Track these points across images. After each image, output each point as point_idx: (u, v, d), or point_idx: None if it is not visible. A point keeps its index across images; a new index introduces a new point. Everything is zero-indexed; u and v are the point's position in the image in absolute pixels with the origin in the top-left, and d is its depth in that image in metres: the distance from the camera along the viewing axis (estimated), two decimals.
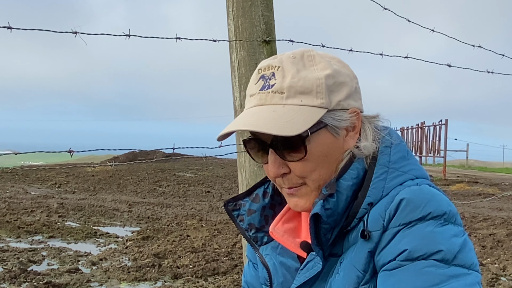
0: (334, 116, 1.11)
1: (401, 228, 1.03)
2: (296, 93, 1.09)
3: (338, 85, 1.12)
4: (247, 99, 1.16)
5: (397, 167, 1.12)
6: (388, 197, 1.07)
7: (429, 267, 1.00)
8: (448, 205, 1.06)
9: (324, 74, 1.10)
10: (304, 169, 1.10)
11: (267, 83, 1.11)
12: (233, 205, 1.28)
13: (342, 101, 1.11)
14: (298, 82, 1.09)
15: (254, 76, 1.14)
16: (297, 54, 1.13)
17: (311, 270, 1.11)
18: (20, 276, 6.32)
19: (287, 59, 1.12)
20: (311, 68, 1.11)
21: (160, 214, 11.49)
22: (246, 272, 1.39)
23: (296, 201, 1.14)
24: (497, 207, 12.89)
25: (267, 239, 1.26)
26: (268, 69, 1.12)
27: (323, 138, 1.10)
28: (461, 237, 1.04)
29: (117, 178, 18.05)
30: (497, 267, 7.12)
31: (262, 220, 1.26)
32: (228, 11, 2.53)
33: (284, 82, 1.09)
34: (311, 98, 1.09)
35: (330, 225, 1.09)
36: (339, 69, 1.14)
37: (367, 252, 1.07)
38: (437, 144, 24.50)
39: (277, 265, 1.23)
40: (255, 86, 1.13)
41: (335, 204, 1.08)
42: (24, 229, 9.20)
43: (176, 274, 6.67)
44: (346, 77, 1.14)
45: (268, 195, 1.27)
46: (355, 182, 1.10)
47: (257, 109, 1.10)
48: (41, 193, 14.40)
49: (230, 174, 19.54)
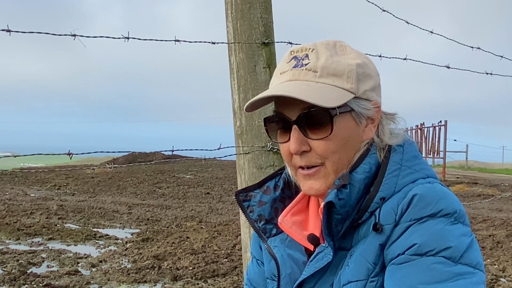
0: (359, 104, 1.14)
1: (413, 223, 1.05)
2: (329, 74, 1.12)
3: (366, 76, 1.16)
4: (275, 77, 1.18)
5: (409, 165, 1.14)
6: (401, 192, 1.09)
7: (437, 263, 1.01)
8: (458, 205, 1.09)
9: (356, 62, 1.15)
10: (326, 148, 1.12)
11: (300, 62, 1.14)
12: (244, 195, 1.30)
13: (368, 91, 1.15)
14: (332, 65, 1.12)
15: (286, 56, 1.17)
16: (330, 42, 1.18)
17: (321, 261, 1.12)
18: (20, 278, 6.31)
19: (321, 44, 1.16)
20: (343, 56, 1.16)
21: (160, 216, 11.48)
22: (250, 269, 1.40)
23: (311, 183, 1.16)
24: (496, 208, 12.89)
25: (276, 231, 1.28)
26: (301, 51, 1.15)
27: (347, 122, 1.13)
28: (469, 237, 1.06)
29: (117, 180, 18.03)
30: (496, 268, 7.12)
31: (272, 212, 1.28)
32: (227, 13, 2.53)
33: (318, 62, 1.13)
34: (342, 81, 1.12)
35: (342, 216, 1.10)
36: (367, 63, 1.18)
37: (378, 245, 1.08)
38: (436, 145, 24.49)
39: (285, 257, 1.24)
40: (287, 64, 1.16)
41: (348, 195, 1.10)
42: (23, 231, 9.19)
43: (176, 276, 6.66)
44: (373, 71, 1.19)
45: (279, 188, 1.29)
46: (367, 176, 1.12)
47: (289, 83, 1.13)
48: (40, 195, 14.39)
49: (230, 176, 19.53)
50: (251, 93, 2.46)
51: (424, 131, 25.56)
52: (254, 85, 2.46)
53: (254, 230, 1.30)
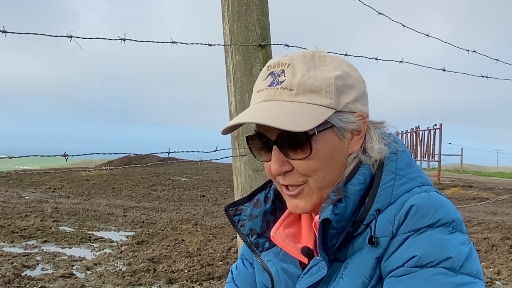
0: (341, 118, 1.10)
1: (411, 234, 1.03)
2: (305, 91, 1.08)
3: (347, 87, 1.11)
4: (254, 95, 1.15)
5: (404, 174, 1.11)
6: (396, 203, 1.07)
7: (437, 274, 1.00)
8: (456, 213, 1.07)
9: (334, 75, 1.10)
10: (308, 168, 1.09)
11: (276, 80, 1.10)
12: (233, 210, 1.27)
13: (350, 104, 1.11)
14: (308, 80, 1.08)
15: (263, 72, 1.14)
16: (308, 53, 1.13)
17: (315, 275, 1.10)
18: (14, 281, 6.28)
19: (298, 57, 1.12)
20: (322, 68, 1.11)
21: (155, 219, 11.46)
22: (237, 268, 1.39)
23: (296, 202, 1.13)
24: (491, 211, 12.92)
25: (268, 245, 1.26)
26: (278, 66, 1.12)
27: (328, 138, 1.10)
28: (468, 246, 1.05)
29: (112, 182, 17.98)
30: (491, 271, 7.13)
31: (264, 225, 1.25)
32: (224, 15, 2.53)
33: (293, 79, 1.09)
34: (320, 97, 1.08)
35: (338, 230, 1.08)
36: (349, 72, 1.14)
37: (375, 258, 1.06)
38: (431, 148, 24.55)
39: (279, 271, 1.23)
40: (264, 82, 1.13)
41: (344, 210, 1.08)
42: (18, 234, 9.15)
43: (171, 279, 6.64)
44: (355, 80, 1.14)
45: (270, 200, 1.27)
46: (362, 187, 1.10)
47: (264, 104, 1.10)
48: (35, 198, 14.32)
49: (225, 178, 19.51)
50: (247, 95, 2.46)
51: (419, 134, 25.62)
52: (251, 87, 2.45)
53: (246, 245, 1.28)
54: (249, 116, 1.09)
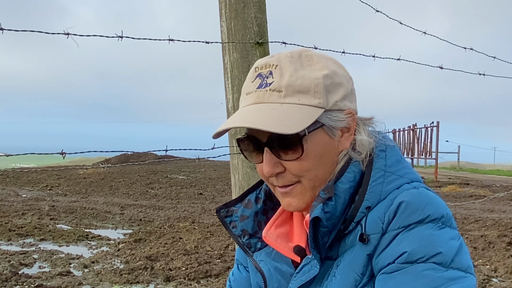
0: (330, 117, 1.10)
1: (401, 230, 1.04)
2: (294, 92, 1.08)
3: (335, 86, 1.12)
4: (242, 97, 1.15)
5: (393, 171, 1.12)
6: (386, 200, 1.08)
7: (428, 270, 1.00)
8: (445, 209, 1.07)
9: (322, 74, 1.10)
10: (300, 168, 1.09)
11: (265, 81, 1.10)
12: (225, 211, 1.27)
13: (338, 102, 1.11)
14: (297, 81, 1.08)
15: (251, 74, 1.14)
16: (295, 53, 1.13)
17: (307, 274, 1.11)
18: (11, 279, 6.27)
19: (285, 58, 1.11)
20: (309, 67, 1.11)
21: (152, 217, 11.46)
22: (234, 275, 1.38)
23: (289, 200, 1.14)
24: (488, 208, 12.96)
25: (260, 245, 1.26)
26: (265, 68, 1.11)
27: (319, 138, 1.10)
28: (457, 240, 1.05)
29: (109, 180, 17.97)
30: (488, 268, 7.16)
31: (255, 226, 1.26)
32: (221, 13, 2.53)
33: (282, 80, 1.09)
34: (309, 98, 1.08)
35: (328, 228, 1.08)
36: (336, 70, 1.14)
37: (366, 255, 1.07)
38: (428, 146, 24.60)
39: (272, 271, 1.23)
40: (252, 84, 1.12)
41: (334, 208, 1.08)
42: (15, 232, 9.14)
43: (169, 277, 6.64)
44: (342, 78, 1.14)
45: (261, 201, 1.27)
46: (352, 185, 1.10)
47: (254, 107, 1.10)
48: (32, 196, 14.31)
49: (223, 176, 19.52)
50: None
51: (416, 132, 25.67)
52: None
53: (238, 245, 1.28)
54: (240, 120, 1.09)
